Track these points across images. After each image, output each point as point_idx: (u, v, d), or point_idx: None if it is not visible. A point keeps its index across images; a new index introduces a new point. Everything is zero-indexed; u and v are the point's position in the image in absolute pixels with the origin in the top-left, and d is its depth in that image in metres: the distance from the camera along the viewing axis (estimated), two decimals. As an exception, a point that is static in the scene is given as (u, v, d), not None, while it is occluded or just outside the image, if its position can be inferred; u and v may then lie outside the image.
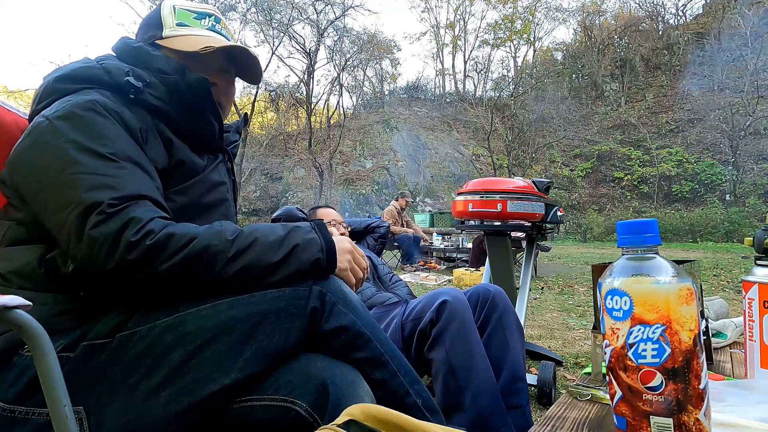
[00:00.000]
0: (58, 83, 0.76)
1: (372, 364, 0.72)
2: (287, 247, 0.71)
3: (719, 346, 1.15)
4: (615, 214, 17.59)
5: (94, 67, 0.79)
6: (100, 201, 0.63)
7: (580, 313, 3.49)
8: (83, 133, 0.68)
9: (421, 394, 0.76)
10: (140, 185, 0.69)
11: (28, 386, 0.61)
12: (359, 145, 21.28)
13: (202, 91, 0.84)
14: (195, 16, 0.91)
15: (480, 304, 1.30)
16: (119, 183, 0.66)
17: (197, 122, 0.86)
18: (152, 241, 0.63)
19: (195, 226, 0.69)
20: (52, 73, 0.79)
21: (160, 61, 0.83)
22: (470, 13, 31.45)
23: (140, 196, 0.68)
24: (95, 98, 0.72)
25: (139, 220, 0.64)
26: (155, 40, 0.88)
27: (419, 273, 6.06)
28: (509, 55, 29.69)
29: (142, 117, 0.78)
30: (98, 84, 0.77)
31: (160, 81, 0.81)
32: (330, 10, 20.20)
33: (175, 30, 0.88)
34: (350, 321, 0.71)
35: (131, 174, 0.69)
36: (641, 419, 0.50)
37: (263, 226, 0.74)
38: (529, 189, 1.80)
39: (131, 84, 0.77)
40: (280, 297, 0.69)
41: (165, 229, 0.65)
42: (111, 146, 0.69)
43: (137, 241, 0.63)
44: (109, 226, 0.62)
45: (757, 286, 0.74)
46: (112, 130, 0.71)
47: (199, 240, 0.66)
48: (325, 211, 1.88)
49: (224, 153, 0.96)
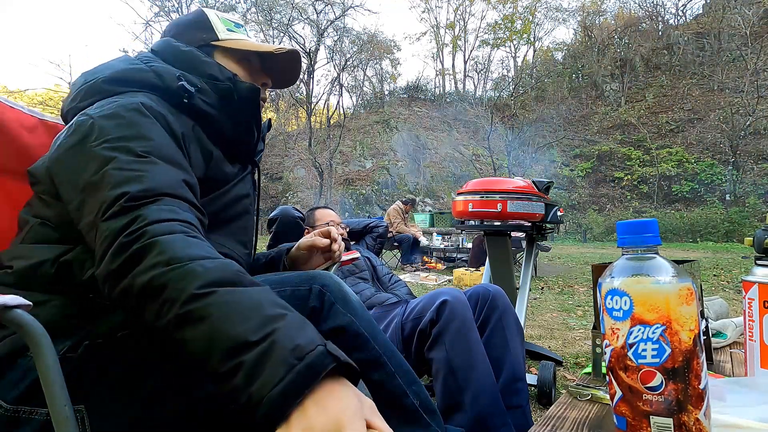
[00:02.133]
0: (106, 84, 0.75)
1: (370, 365, 0.72)
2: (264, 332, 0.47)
3: (719, 346, 1.15)
4: (615, 214, 17.58)
5: (144, 69, 0.78)
6: (122, 194, 0.59)
7: (580, 313, 3.49)
8: (123, 132, 0.67)
9: (419, 395, 0.76)
10: (170, 181, 0.65)
11: (31, 387, 0.61)
12: (359, 145, 21.27)
13: (252, 100, 0.85)
14: (234, 25, 0.93)
15: (480, 304, 1.30)
16: (146, 177, 0.63)
17: (241, 131, 0.87)
18: (140, 245, 0.55)
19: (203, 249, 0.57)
20: (94, 71, 0.78)
21: (212, 68, 0.83)
22: (470, 13, 31.44)
23: (165, 194, 0.62)
24: (142, 101, 0.72)
25: (143, 218, 0.57)
26: (211, 42, 0.88)
27: (419, 273, 6.06)
28: (509, 55, 29.72)
29: (186, 123, 0.78)
30: (148, 88, 0.76)
31: (211, 87, 0.82)
32: (330, 10, 20.24)
33: (228, 34, 0.90)
34: (348, 321, 0.71)
35: (163, 171, 0.65)
36: (641, 419, 0.50)
37: (261, 290, 0.54)
38: (529, 189, 1.80)
39: (185, 89, 0.77)
40: (282, 297, 0.69)
41: (157, 236, 0.55)
42: (148, 146, 0.67)
43: (127, 244, 0.55)
44: (117, 222, 0.57)
45: (757, 286, 0.74)
46: (154, 131, 0.69)
47: (175, 268, 0.52)
48: (323, 212, 1.88)
49: (254, 165, 0.97)
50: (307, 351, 0.45)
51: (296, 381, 0.43)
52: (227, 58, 0.89)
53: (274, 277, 0.74)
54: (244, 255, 0.91)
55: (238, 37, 0.91)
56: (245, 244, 0.92)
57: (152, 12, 18.33)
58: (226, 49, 0.89)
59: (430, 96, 27.61)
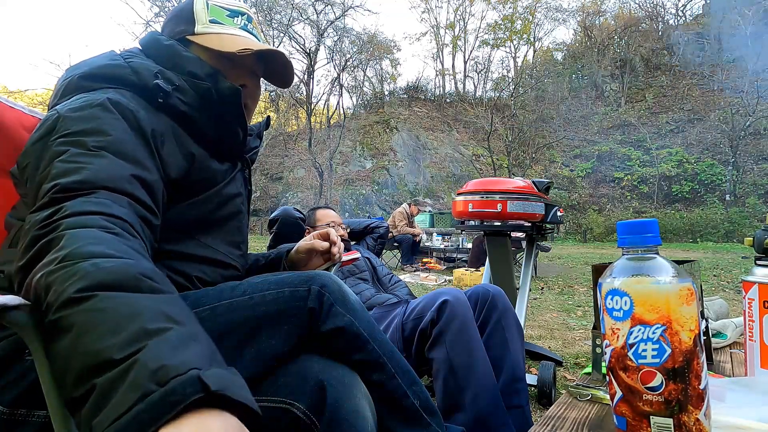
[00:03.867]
0: (83, 80, 0.73)
1: (369, 365, 0.72)
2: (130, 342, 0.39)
3: (719, 346, 1.15)
4: (615, 214, 17.58)
5: (121, 65, 0.76)
6: (54, 185, 0.56)
7: (580, 313, 3.49)
8: (82, 126, 0.64)
9: (420, 396, 0.76)
10: (113, 175, 0.60)
11: (28, 390, 0.61)
12: (359, 145, 21.28)
13: (233, 101, 0.81)
14: (228, 13, 0.87)
15: (479, 304, 1.30)
16: (86, 170, 0.58)
17: (222, 131, 0.84)
18: (48, 239, 0.49)
19: (112, 246, 0.49)
20: (75, 67, 0.76)
21: (192, 64, 0.80)
22: (470, 14, 31.44)
23: (103, 187, 0.58)
24: (110, 96, 0.69)
25: (64, 210, 0.52)
26: (186, 35, 0.84)
27: (419, 273, 6.06)
28: (509, 56, 29.68)
29: (163, 121, 0.75)
30: (123, 84, 0.74)
31: (190, 86, 0.78)
32: (330, 11, 20.26)
33: (207, 27, 0.84)
34: (348, 322, 0.71)
35: (109, 165, 0.61)
36: (641, 419, 0.50)
37: (155, 298, 0.45)
38: (529, 189, 1.80)
39: (160, 88, 0.74)
40: (280, 299, 0.68)
41: (69, 230, 0.49)
42: (104, 141, 0.64)
43: (38, 237, 0.50)
44: (40, 214, 0.53)
45: (757, 286, 0.74)
46: (115, 125, 0.67)
47: (65, 266, 0.45)
48: (324, 212, 1.88)
49: (243, 161, 0.94)
50: (172, 375, 0.36)
51: (145, 412, 0.34)
52: (204, 53, 0.83)
53: (273, 278, 0.73)
54: (238, 257, 0.90)
55: (219, 30, 0.84)
56: (239, 246, 0.91)
57: (152, 12, 18.32)
58: (200, 44, 0.83)
59: (430, 96, 27.60)
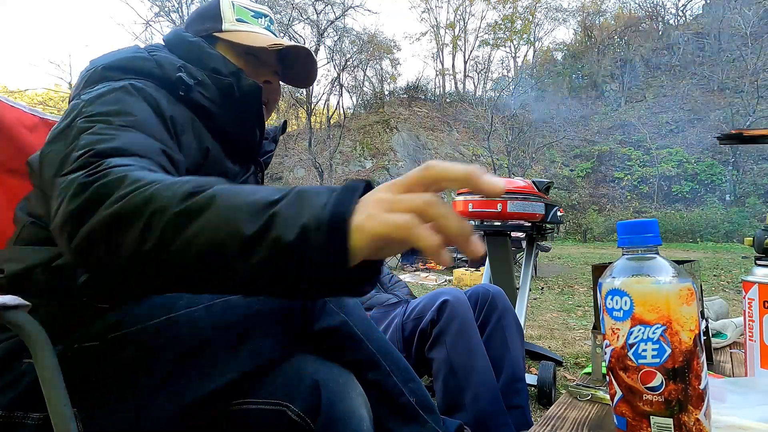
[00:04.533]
0: (107, 71, 0.74)
1: (364, 365, 0.72)
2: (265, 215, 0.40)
3: (719, 346, 1.15)
4: (615, 214, 17.59)
5: (146, 58, 0.77)
6: (87, 150, 0.54)
7: (580, 313, 3.49)
8: (107, 108, 0.64)
9: (416, 393, 0.75)
10: (145, 146, 0.60)
11: (25, 391, 0.60)
12: (359, 145, 21.29)
13: (253, 99, 0.83)
14: (253, 14, 0.90)
15: (479, 304, 1.30)
16: (118, 139, 0.58)
17: (241, 128, 0.85)
18: (105, 181, 0.48)
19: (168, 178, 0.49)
20: (99, 59, 0.77)
21: (216, 61, 0.81)
22: (470, 14, 31.37)
23: (137, 154, 0.57)
24: (132, 82, 0.70)
25: (107, 164, 0.51)
26: (213, 32, 0.86)
27: (419, 273, 6.06)
28: (509, 56, 29.70)
29: (183, 112, 0.75)
30: (147, 76, 0.75)
31: (212, 81, 0.79)
32: (330, 10, 20.24)
33: (235, 25, 0.87)
34: (341, 321, 0.70)
35: (140, 137, 0.61)
36: (641, 419, 0.50)
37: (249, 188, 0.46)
38: (529, 189, 1.80)
39: (183, 81, 0.75)
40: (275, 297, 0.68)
41: (127, 172, 0.49)
42: (130, 120, 0.63)
43: (88, 183, 0.48)
44: (77, 172, 0.51)
45: (757, 286, 0.74)
46: (138, 107, 0.67)
47: (148, 189, 0.45)
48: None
49: (257, 165, 0.94)
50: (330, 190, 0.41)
51: (343, 193, 0.39)
52: (230, 50, 0.86)
53: None
54: None
55: (246, 28, 0.87)
56: None
57: (152, 12, 18.33)
58: (228, 41, 0.86)
59: (430, 96, 27.62)
